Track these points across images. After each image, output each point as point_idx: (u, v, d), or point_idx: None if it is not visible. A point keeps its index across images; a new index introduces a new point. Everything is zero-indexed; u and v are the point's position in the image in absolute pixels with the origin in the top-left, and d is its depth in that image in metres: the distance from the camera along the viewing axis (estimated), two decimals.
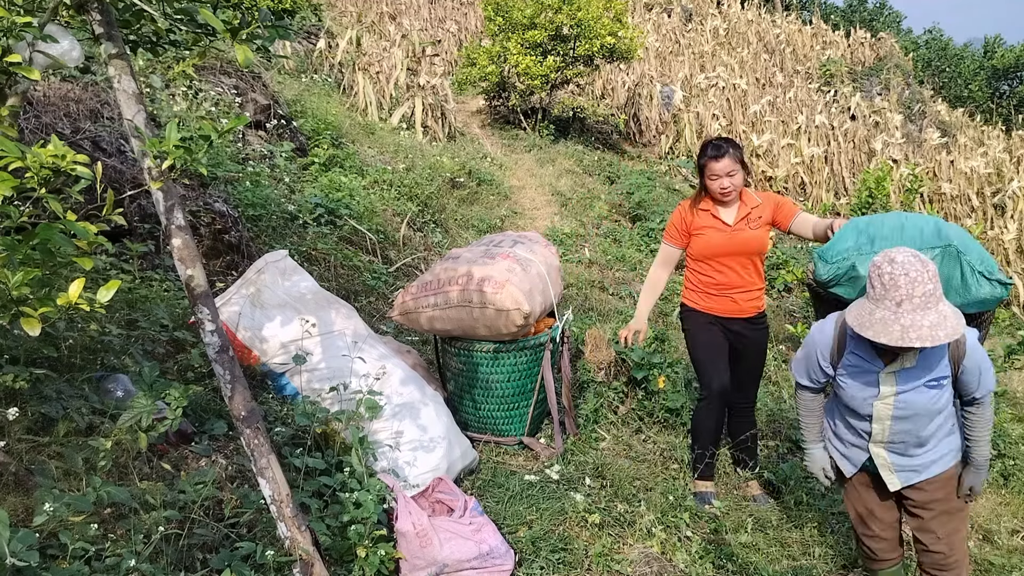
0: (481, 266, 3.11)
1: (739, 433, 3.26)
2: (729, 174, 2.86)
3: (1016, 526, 3.38)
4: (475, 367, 3.22)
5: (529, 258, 3.27)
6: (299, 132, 6.05)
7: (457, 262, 3.22)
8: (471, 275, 3.08)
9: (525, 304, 2.99)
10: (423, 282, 3.25)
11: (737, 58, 15.66)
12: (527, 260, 3.24)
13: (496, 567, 2.27)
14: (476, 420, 3.29)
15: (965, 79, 27.92)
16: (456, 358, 3.29)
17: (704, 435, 3.07)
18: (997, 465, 4.05)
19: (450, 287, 3.11)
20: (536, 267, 3.24)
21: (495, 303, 2.99)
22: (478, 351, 3.19)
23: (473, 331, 3.13)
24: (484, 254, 3.24)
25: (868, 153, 11.44)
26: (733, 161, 2.86)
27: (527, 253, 3.31)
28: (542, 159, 8.90)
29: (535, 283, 3.15)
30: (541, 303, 3.16)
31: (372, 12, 13.82)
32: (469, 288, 3.05)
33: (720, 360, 3.02)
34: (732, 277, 2.98)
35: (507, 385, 3.21)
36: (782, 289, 6.59)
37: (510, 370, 3.20)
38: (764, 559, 2.64)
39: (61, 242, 1.52)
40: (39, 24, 1.60)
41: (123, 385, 2.30)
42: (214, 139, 1.67)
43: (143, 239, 3.22)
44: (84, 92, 3.77)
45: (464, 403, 3.30)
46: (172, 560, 1.81)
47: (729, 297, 3.00)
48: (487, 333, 3.11)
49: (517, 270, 3.11)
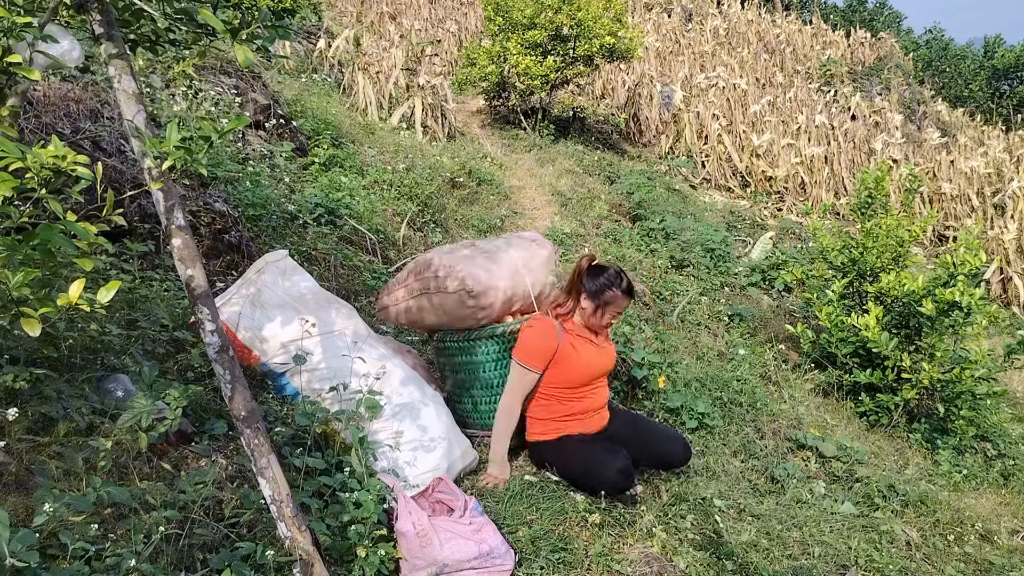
0: (441, 255, 3.13)
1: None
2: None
3: (1016, 526, 3.38)
4: (449, 359, 3.21)
5: (500, 247, 3.20)
6: (299, 132, 6.05)
7: (427, 254, 3.24)
8: (430, 263, 3.10)
9: (470, 282, 2.91)
10: (393, 280, 3.31)
11: (737, 58, 15.65)
12: (495, 248, 3.18)
13: (496, 567, 2.27)
14: (465, 414, 3.20)
15: (965, 79, 27.93)
16: (438, 353, 3.29)
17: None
18: (997, 465, 4.06)
19: (413, 277, 3.15)
20: (508, 256, 3.14)
21: (446, 286, 2.97)
22: (449, 342, 3.18)
23: (439, 321, 3.12)
24: (452, 247, 3.26)
25: (868, 153, 11.43)
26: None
27: (501, 243, 3.26)
28: (542, 159, 8.89)
29: (499, 269, 3.04)
30: (507, 289, 3.04)
31: (372, 12, 13.82)
32: (426, 274, 3.07)
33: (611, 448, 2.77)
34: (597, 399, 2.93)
35: (488, 372, 3.09)
36: (782, 289, 6.59)
37: (484, 358, 3.09)
38: (764, 559, 2.64)
39: (61, 242, 1.52)
40: (39, 24, 1.60)
41: (123, 385, 2.30)
42: (214, 139, 1.67)
43: (143, 239, 3.22)
44: (84, 92, 3.77)
45: (452, 398, 3.26)
46: (172, 560, 1.81)
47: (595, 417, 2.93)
48: (450, 321, 3.08)
49: (478, 257, 3.06)
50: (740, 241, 7.97)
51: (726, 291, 6.29)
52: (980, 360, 4.17)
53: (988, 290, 9.03)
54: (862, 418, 4.47)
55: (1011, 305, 9.03)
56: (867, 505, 3.30)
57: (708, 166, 10.63)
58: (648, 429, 3.02)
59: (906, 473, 3.77)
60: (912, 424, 4.42)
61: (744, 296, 6.34)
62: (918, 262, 7.18)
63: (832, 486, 3.44)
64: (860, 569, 2.73)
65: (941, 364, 4.28)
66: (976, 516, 3.37)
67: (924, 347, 4.47)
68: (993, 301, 8.66)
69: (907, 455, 4.10)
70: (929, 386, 4.27)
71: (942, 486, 3.70)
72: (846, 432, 4.13)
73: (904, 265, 5.08)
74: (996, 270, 9.19)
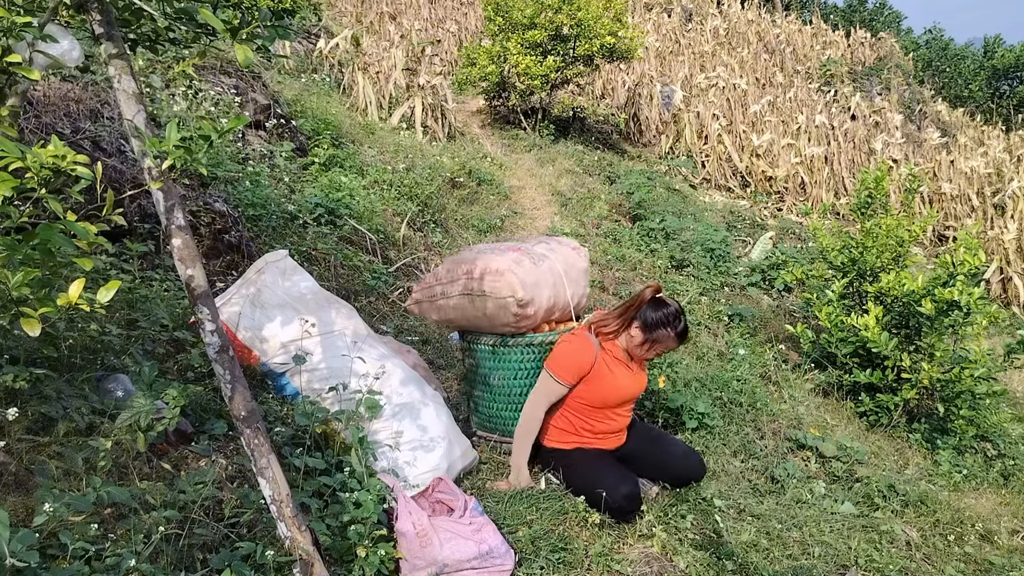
0: (487, 256, 3.03)
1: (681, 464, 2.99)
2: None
3: (1016, 526, 3.38)
4: (478, 362, 3.15)
5: (544, 254, 3.13)
6: (299, 132, 6.06)
7: (469, 253, 3.16)
8: (475, 264, 3.01)
9: (520, 291, 2.84)
10: (434, 273, 3.21)
11: (737, 58, 15.65)
12: (540, 255, 3.12)
13: (496, 567, 2.27)
14: (487, 420, 3.21)
15: (965, 79, 27.94)
16: (466, 352, 3.24)
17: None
18: (997, 465, 4.06)
19: (456, 277, 3.06)
20: (550, 263, 3.10)
21: (493, 292, 2.90)
22: (482, 345, 3.12)
23: (476, 323, 3.06)
24: (495, 248, 3.17)
25: (868, 153, 11.43)
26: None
27: (544, 250, 3.19)
28: (542, 159, 8.90)
29: (543, 277, 3.00)
30: (550, 298, 3.04)
31: (372, 12, 13.82)
32: (472, 277, 2.97)
33: (617, 467, 2.78)
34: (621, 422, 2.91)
35: (513, 383, 3.09)
36: (782, 289, 6.59)
37: (516, 367, 3.07)
38: (764, 559, 2.64)
39: (61, 242, 1.52)
40: (39, 24, 1.60)
41: (123, 385, 2.30)
42: (214, 139, 1.67)
43: (143, 239, 3.22)
44: (84, 92, 3.77)
45: (472, 401, 3.25)
46: (172, 560, 1.81)
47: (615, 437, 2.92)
48: (488, 325, 3.03)
49: (525, 262, 2.98)
50: (740, 241, 7.97)
51: (726, 291, 6.29)
52: (980, 360, 4.17)
53: (988, 290, 9.03)
54: (862, 418, 4.47)
55: (1011, 305, 9.03)
56: (867, 505, 3.30)
57: (708, 166, 10.63)
58: (666, 446, 2.97)
59: (906, 473, 3.77)
60: (912, 424, 4.42)
61: (744, 296, 6.34)
62: (918, 262, 7.19)
63: (832, 486, 3.44)
64: (860, 569, 2.73)
65: (941, 364, 4.27)
66: (976, 516, 3.37)
67: (924, 347, 4.47)
68: (993, 301, 8.66)
69: (907, 455, 4.10)
70: (929, 386, 4.27)
71: (942, 486, 3.70)
72: (846, 432, 4.13)
73: (904, 265, 5.08)
74: (996, 270, 9.19)
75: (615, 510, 2.62)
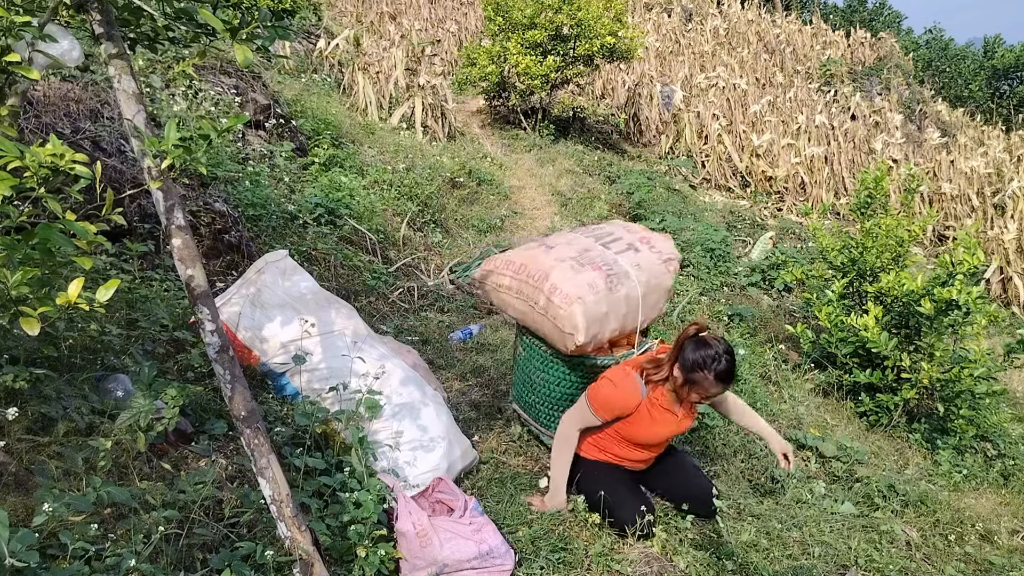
0: (562, 272, 2.82)
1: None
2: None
3: (1016, 526, 3.38)
4: (526, 355, 3.13)
5: (627, 272, 2.90)
6: (299, 132, 6.06)
7: (548, 253, 2.98)
8: (547, 276, 2.82)
9: (581, 334, 2.69)
10: (508, 259, 3.05)
11: (737, 58, 15.65)
12: (622, 275, 2.88)
13: (496, 567, 2.27)
14: (525, 405, 3.21)
15: (965, 79, 27.94)
16: (517, 337, 3.22)
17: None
18: (997, 465, 4.06)
19: (526, 278, 2.92)
20: (629, 288, 2.87)
21: (555, 318, 2.75)
22: (537, 347, 3.07)
23: (535, 329, 2.97)
24: (578, 257, 2.92)
25: (868, 153, 11.44)
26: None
27: (629, 266, 2.94)
28: (542, 159, 8.90)
29: (616, 306, 2.81)
30: (615, 329, 2.87)
31: (372, 12, 13.83)
32: (542, 288, 2.81)
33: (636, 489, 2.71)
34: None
35: (556, 388, 3.07)
36: (782, 289, 6.59)
37: (560, 376, 3.04)
38: (764, 559, 2.64)
39: (61, 242, 1.52)
40: (39, 24, 1.60)
41: (123, 385, 2.30)
42: (213, 138, 1.67)
43: (143, 239, 3.22)
44: (84, 92, 3.77)
45: (518, 385, 3.25)
46: (172, 560, 1.81)
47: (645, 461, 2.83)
48: (542, 335, 2.95)
49: (600, 286, 2.78)
50: (740, 241, 7.97)
51: (726, 291, 6.28)
52: (980, 360, 4.16)
53: (988, 290, 9.03)
54: (862, 418, 4.47)
55: (1011, 305, 9.03)
56: (867, 505, 3.30)
57: (708, 166, 10.63)
58: (689, 474, 2.88)
59: (906, 473, 3.77)
60: (912, 424, 4.42)
61: (744, 296, 6.33)
62: (918, 262, 7.18)
63: (832, 486, 3.44)
64: (860, 569, 2.73)
65: (941, 364, 4.27)
66: (976, 516, 3.36)
67: (923, 347, 4.46)
68: (993, 301, 8.66)
69: (907, 455, 4.10)
70: (929, 386, 4.26)
71: (942, 486, 3.70)
72: (846, 432, 4.13)
73: (904, 265, 5.08)
74: (996, 270, 9.19)
75: (626, 527, 2.59)
